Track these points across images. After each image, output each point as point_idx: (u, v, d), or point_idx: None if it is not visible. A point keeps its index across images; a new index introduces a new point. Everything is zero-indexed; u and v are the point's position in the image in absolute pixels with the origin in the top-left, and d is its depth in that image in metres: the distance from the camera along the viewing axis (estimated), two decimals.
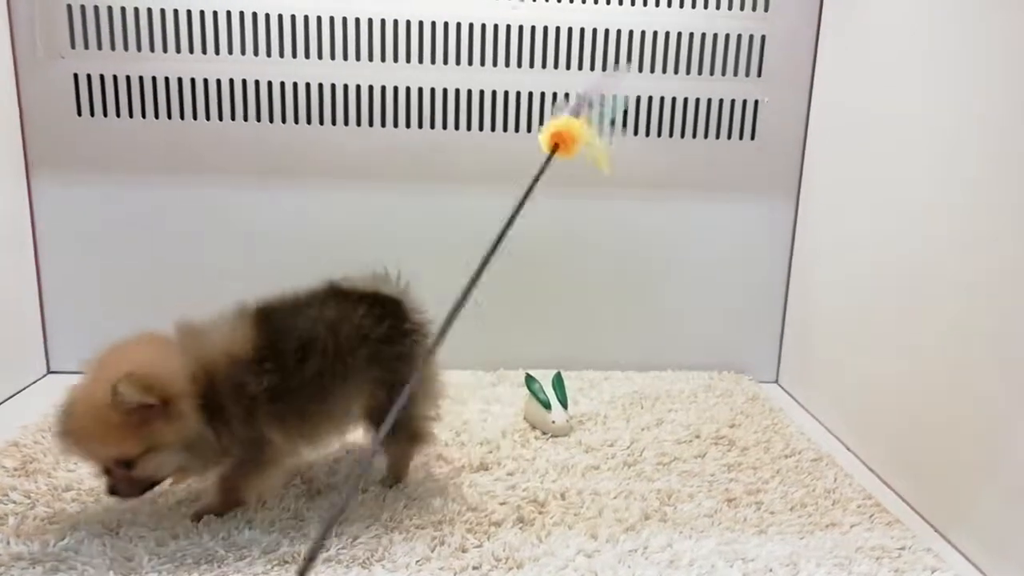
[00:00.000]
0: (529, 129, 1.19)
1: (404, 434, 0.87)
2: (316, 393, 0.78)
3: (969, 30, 0.86)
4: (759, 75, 1.20)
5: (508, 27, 1.16)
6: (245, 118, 1.16)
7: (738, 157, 1.23)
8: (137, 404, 0.69)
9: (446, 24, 1.15)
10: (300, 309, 0.81)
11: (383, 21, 1.14)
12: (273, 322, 0.79)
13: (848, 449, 1.06)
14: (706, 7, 1.17)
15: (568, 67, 1.18)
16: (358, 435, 0.91)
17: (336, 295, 0.83)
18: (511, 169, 1.21)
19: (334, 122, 1.17)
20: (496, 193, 1.22)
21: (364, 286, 0.84)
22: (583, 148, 0.69)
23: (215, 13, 1.12)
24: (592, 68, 1.18)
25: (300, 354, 0.77)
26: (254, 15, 1.12)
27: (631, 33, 1.17)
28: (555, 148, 0.69)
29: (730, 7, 1.18)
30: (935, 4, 0.92)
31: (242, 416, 0.75)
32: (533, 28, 1.16)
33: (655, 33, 1.17)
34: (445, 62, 1.16)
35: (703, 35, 1.18)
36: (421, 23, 1.14)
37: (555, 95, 1.19)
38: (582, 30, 1.17)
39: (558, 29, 1.16)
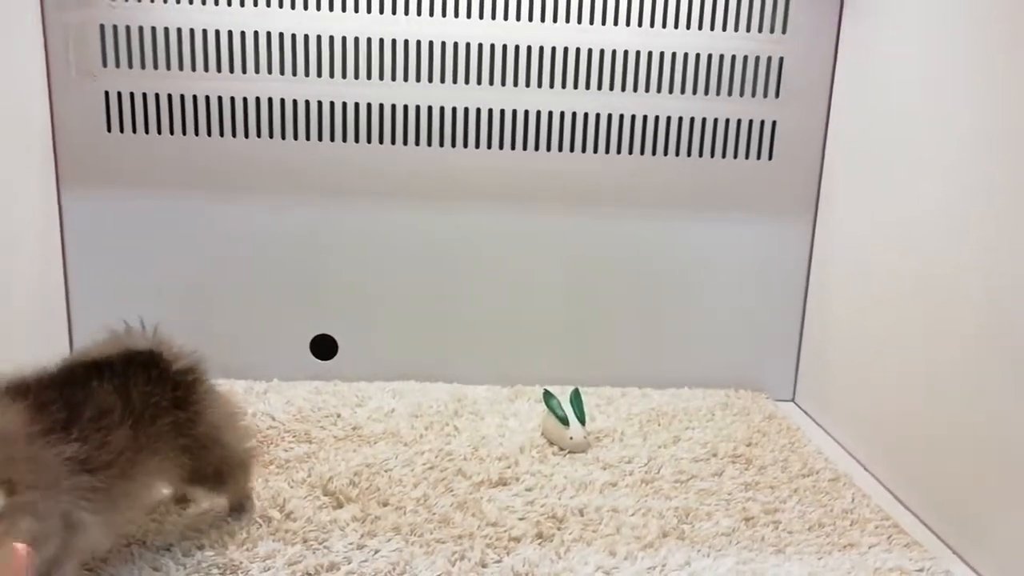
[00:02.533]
0: (550, 148, 1.21)
1: (220, 481, 0.82)
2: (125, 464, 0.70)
3: (988, 51, 0.86)
4: (777, 96, 1.21)
5: (529, 48, 1.17)
6: (271, 136, 1.18)
7: (756, 176, 1.24)
8: None
9: (468, 45, 1.17)
10: (72, 380, 0.71)
11: (406, 42, 1.16)
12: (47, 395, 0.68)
13: (866, 469, 1.06)
14: (724, 29, 1.19)
15: (588, 87, 1.19)
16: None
17: (94, 366, 0.74)
18: (520, 187, 1.23)
19: (356, 139, 1.19)
20: (502, 212, 1.24)
21: (115, 349, 0.77)
22: None
23: (243, 33, 1.14)
24: (611, 89, 1.19)
25: (98, 423, 0.69)
26: (280, 36, 1.15)
27: (650, 54, 1.19)
28: None
29: (748, 29, 1.19)
30: (954, 25, 0.93)
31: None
32: (554, 49, 1.18)
33: (674, 54, 1.19)
34: (466, 81, 1.18)
35: (721, 56, 1.19)
36: (453, 43, 1.16)
37: (575, 115, 1.20)
38: (602, 52, 1.18)
39: (578, 51, 1.18)
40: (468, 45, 1.17)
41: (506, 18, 1.16)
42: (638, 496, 0.94)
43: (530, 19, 1.17)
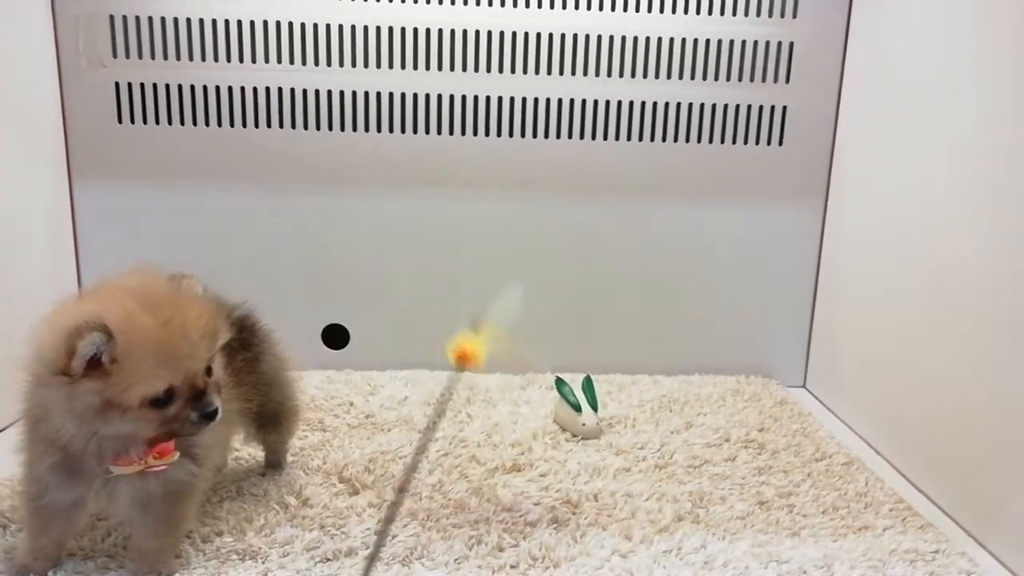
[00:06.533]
0: (559, 136, 1.21)
1: (276, 423, 0.89)
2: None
3: (998, 35, 0.86)
4: (787, 81, 1.21)
5: (538, 35, 1.17)
6: (281, 125, 1.18)
7: (766, 162, 1.24)
8: None
9: (465, 32, 1.16)
10: None
11: (418, 30, 1.16)
12: None
13: (878, 453, 1.06)
14: (734, 14, 1.18)
15: (597, 74, 1.19)
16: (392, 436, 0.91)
17: None
18: (530, 175, 1.23)
19: (367, 129, 1.19)
20: (513, 200, 1.24)
21: None
22: (489, 352, 0.74)
23: (252, 23, 1.14)
24: (621, 75, 1.19)
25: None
26: (290, 24, 1.15)
27: (659, 40, 1.18)
28: (463, 365, 0.73)
29: (758, 14, 1.18)
30: (963, 10, 0.92)
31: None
32: (563, 36, 1.17)
33: (683, 40, 1.19)
34: (475, 69, 1.18)
35: (731, 42, 1.19)
36: (453, 31, 1.16)
37: (584, 102, 1.20)
38: (611, 38, 1.18)
39: (587, 37, 1.18)
40: (478, 33, 1.17)
41: (515, 5, 1.16)
42: (652, 481, 0.94)
43: (540, 6, 1.16)
